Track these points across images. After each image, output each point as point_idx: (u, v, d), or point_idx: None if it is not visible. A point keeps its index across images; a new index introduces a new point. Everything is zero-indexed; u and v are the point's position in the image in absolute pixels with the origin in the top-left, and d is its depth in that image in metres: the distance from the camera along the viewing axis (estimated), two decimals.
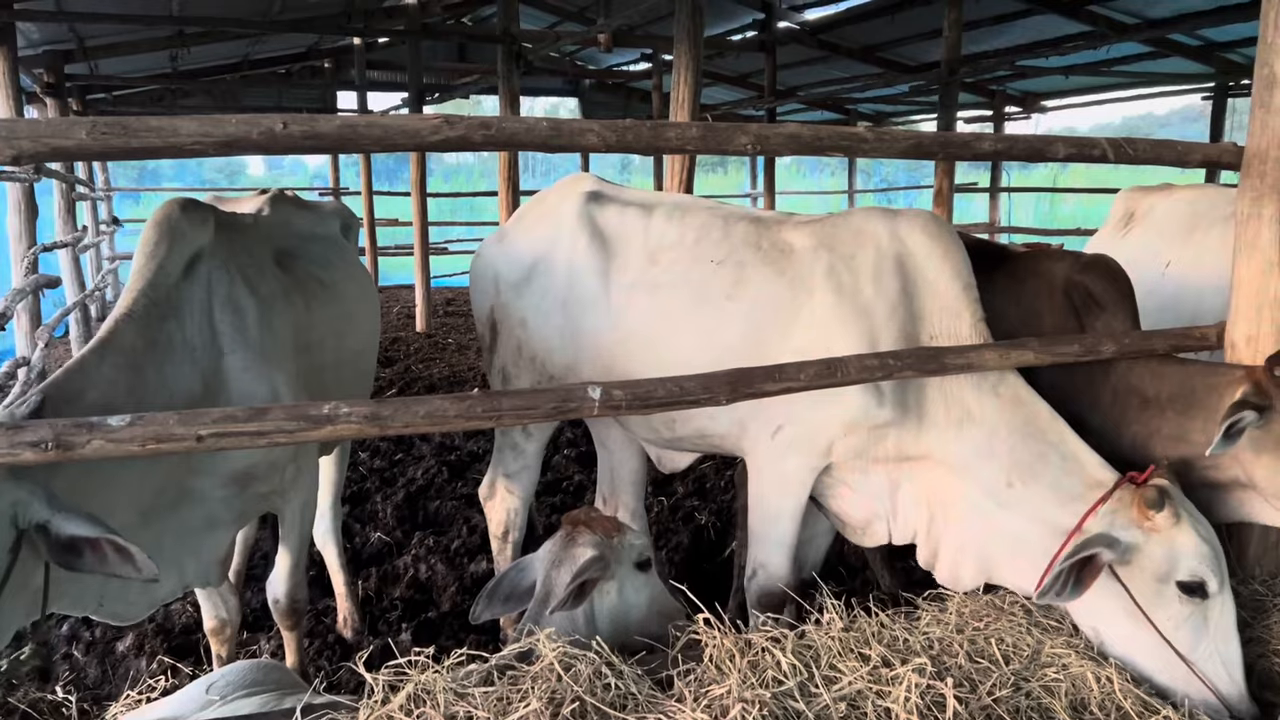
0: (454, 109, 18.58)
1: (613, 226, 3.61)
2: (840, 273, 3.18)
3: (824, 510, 3.48)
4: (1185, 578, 2.59)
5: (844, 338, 3.07)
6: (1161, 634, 2.61)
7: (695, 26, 6.59)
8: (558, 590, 2.69)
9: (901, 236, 3.18)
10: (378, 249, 14.80)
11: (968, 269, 3.16)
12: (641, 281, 3.46)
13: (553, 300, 3.63)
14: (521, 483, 4.00)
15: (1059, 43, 11.01)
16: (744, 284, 3.30)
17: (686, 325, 3.35)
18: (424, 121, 2.37)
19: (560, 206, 3.74)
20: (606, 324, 3.50)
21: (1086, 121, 41.49)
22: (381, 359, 10.19)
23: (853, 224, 3.29)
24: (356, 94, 13.88)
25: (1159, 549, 2.62)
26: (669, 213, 3.57)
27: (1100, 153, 2.96)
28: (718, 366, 2.81)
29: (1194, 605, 2.59)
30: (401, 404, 2.39)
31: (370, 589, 4.69)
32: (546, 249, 3.68)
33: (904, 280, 3.14)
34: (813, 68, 14.80)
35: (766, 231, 3.40)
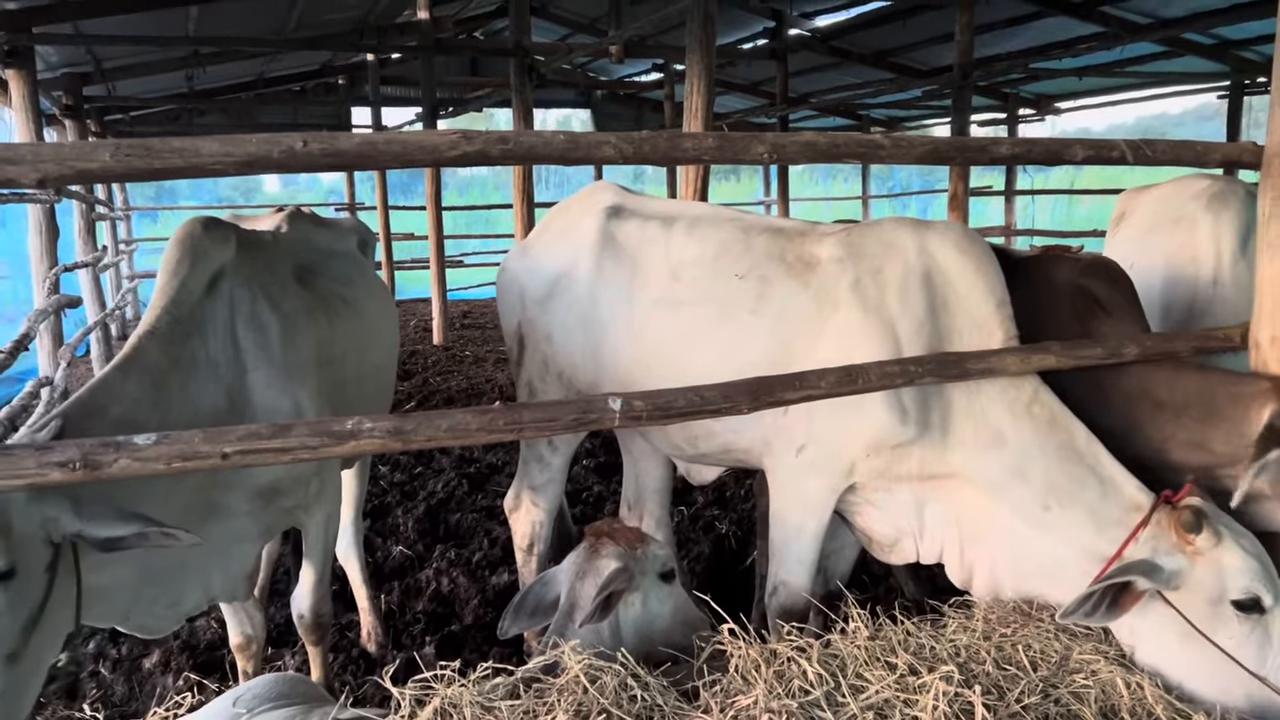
0: (467, 122, 18.66)
1: (634, 243, 3.58)
2: (866, 286, 3.12)
3: (850, 526, 3.45)
4: (1239, 596, 2.57)
5: (868, 353, 3.01)
6: (1230, 655, 2.56)
7: (707, 36, 6.59)
8: (582, 602, 2.69)
9: (931, 251, 3.12)
10: (394, 263, 14.87)
11: (1001, 286, 3.10)
12: (664, 298, 3.43)
13: (576, 317, 3.62)
14: (547, 495, 3.99)
15: (1072, 44, 10.97)
16: (768, 298, 3.26)
17: (710, 341, 3.31)
18: (442, 137, 2.38)
19: (582, 220, 3.72)
20: (629, 341, 3.48)
21: (1101, 122, 41.20)
22: (399, 372, 10.18)
23: (881, 236, 3.22)
24: (371, 110, 13.96)
25: (1206, 571, 2.60)
26: (690, 227, 3.53)
27: (1119, 154, 2.95)
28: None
29: (1254, 621, 2.57)
30: (424, 418, 2.39)
31: (393, 603, 4.70)
32: (569, 265, 3.66)
33: (932, 296, 3.08)
34: (825, 74, 14.80)
35: (790, 243, 3.35)
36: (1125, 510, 2.80)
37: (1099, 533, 2.81)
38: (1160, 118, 34.42)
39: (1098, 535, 2.81)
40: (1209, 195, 3.86)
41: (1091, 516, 2.84)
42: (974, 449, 3.02)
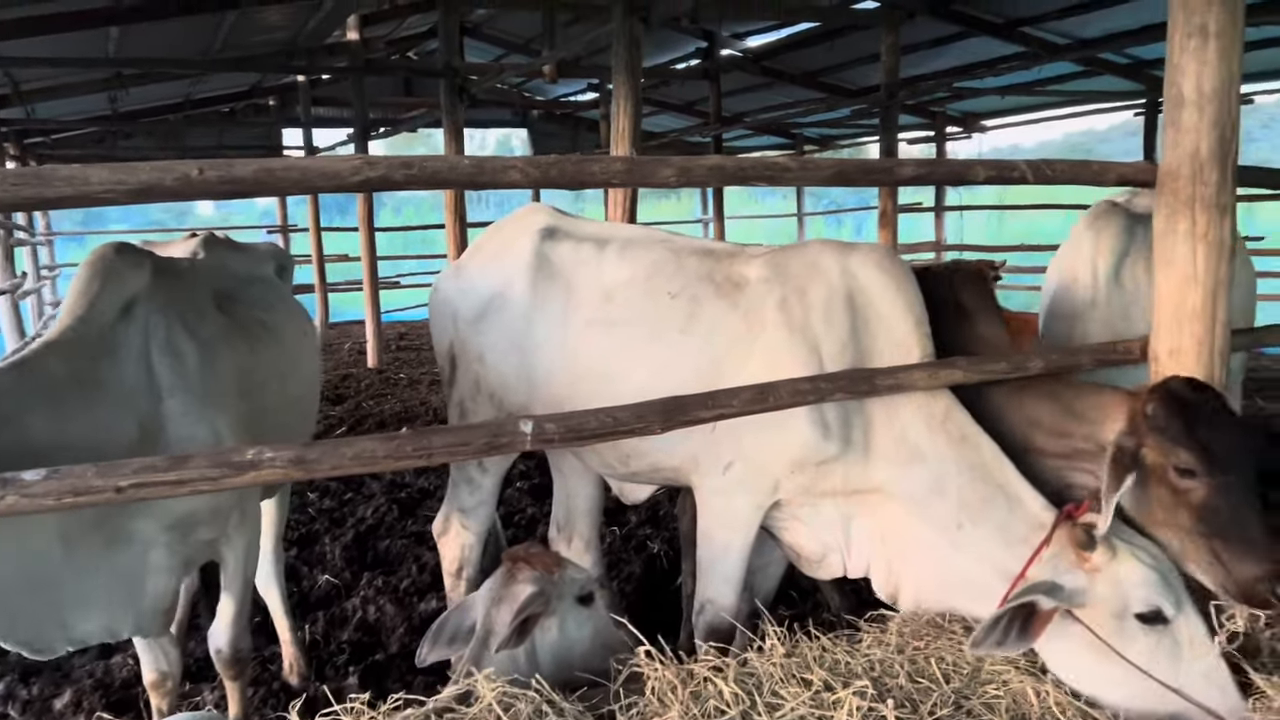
0: (402, 143, 18.54)
1: (568, 264, 3.59)
2: (793, 307, 3.18)
3: (777, 543, 3.47)
4: (1140, 609, 2.59)
5: (794, 372, 3.04)
6: (1144, 671, 2.57)
7: (633, 58, 6.65)
8: (498, 628, 2.67)
9: (854, 272, 3.18)
10: (327, 285, 14.70)
11: (920, 305, 3.17)
12: (598, 319, 3.44)
13: (509, 338, 3.61)
14: (477, 518, 3.95)
15: (994, 64, 11.24)
16: (698, 318, 3.29)
17: (642, 361, 3.33)
18: (344, 162, 2.37)
19: (516, 242, 3.72)
20: (563, 362, 3.48)
21: (1031, 139, 42.22)
22: (332, 396, 10.10)
23: (805, 257, 3.28)
24: (302, 131, 13.82)
25: (1106, 587, 2.63)
26: (623, 248, 3.56)
27: (1019, 174, 3.02)
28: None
29: (1160, 632, 2.59)
30: (328, 446, 2.37)
31: (317, 633, 4.61)
32: (503, 286, 3.65)
33: (854, 316, 3.14)
34: (757, 94, 14.96)
35: (719, 264, 3.39)
36: (1031, 528, 2.84)
37: (1008, 550, 2.85)
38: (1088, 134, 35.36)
39: (1007, 553, 2.85)
40: (1093, 215, 3.91)
41: (1001, 534, 2.88)
42: (894, 464, 3.07)
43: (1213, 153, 3.05)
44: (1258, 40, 9.42)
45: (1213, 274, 3.10)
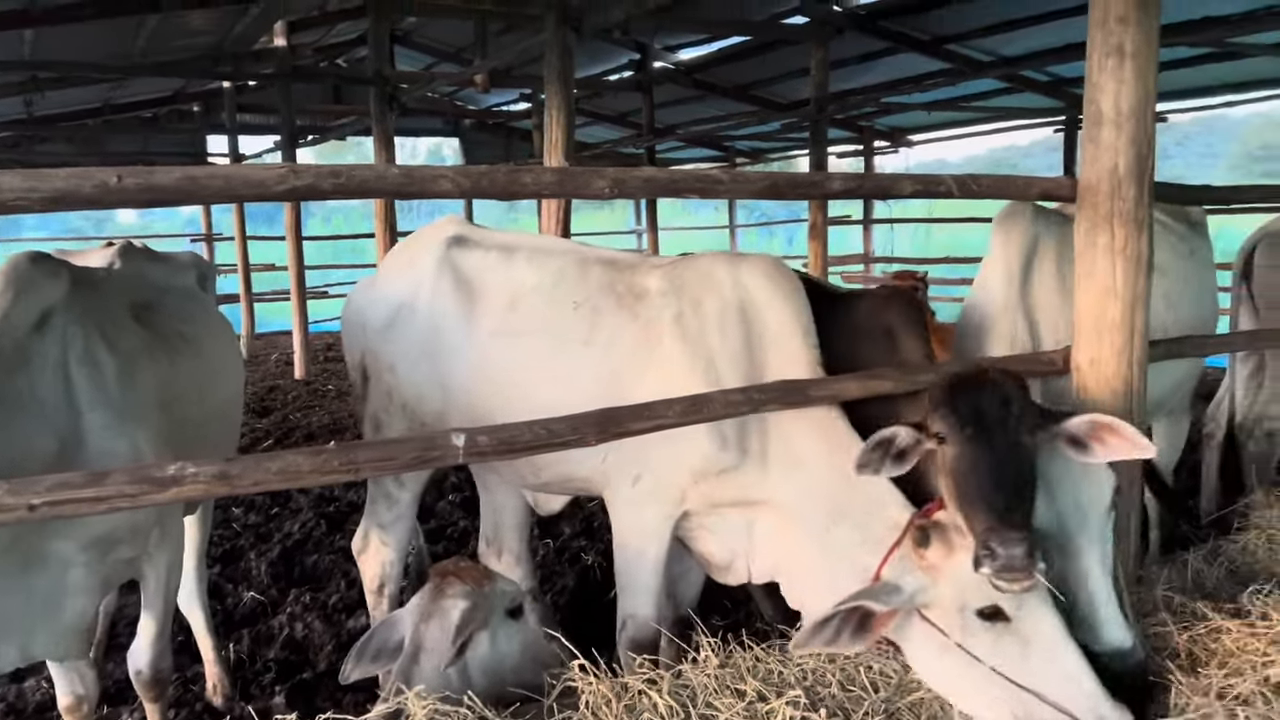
0: (331, 150, 18.30)
1: (475, 272, 3.59)
2: (688, 319, 3.24)
3: (689, 551, 3.49)
4: (979, 606, 2.51)
5: (691, 383, 3.10)
6: (995, 670, 2.49)
7: (566, 68, 6.66)
8: (428, 644, 2.63)
9: (745, 283, 3.25)
10: (253, 295, 14.40)
11: (807, 314, 3.24)
12: (503, 327, 3.45)
13: (420, 346, 3.60)
14: (397, 533, 3.90)
15: (920, 80, 11.48)
16: (600, 328, 3.33)
17: (548, 370, 3.35)
18: (269, 171, 2.32)
19: (424, 251, 3.72)
20: (472, 370, 3.47)
21: (956, 154, 43.23)
22: (258, 408, 9.89)
23: (700, 270, 3.35)
24: (228, 138, 13.55)
25: (945, 585, 2.57)
26: (529, 257, 3.58)
27: (945, 189, 3.08)
28: (578, 411, 2.80)
29: (1001, 629, 2.51)
30: (252, 461, 2.31)
31: (242, 652, 4.50)
32: (411, 294, 3.65)
33: (747, 327, 3.21)
34: (689, 106, 15.07)
35: (621, 275, 3.43)
36: (887, 528, 2.84)
37: (869, 553, 2.84)
38: (1011, 149, 36.25)
39: (869, 555, 2.84)
40: (998, 219, 3.81)
41: (861, 535, 2.90)
42: (784, 472, 3.12)
43: (1130, 169, 3.14)
44: (1171, 60, 9.77)
45: (1131, 286, 3.19)
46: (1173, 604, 3.13)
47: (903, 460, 2.69)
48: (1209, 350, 4.44)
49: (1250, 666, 2.75)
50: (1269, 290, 4.94)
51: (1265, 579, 3.35)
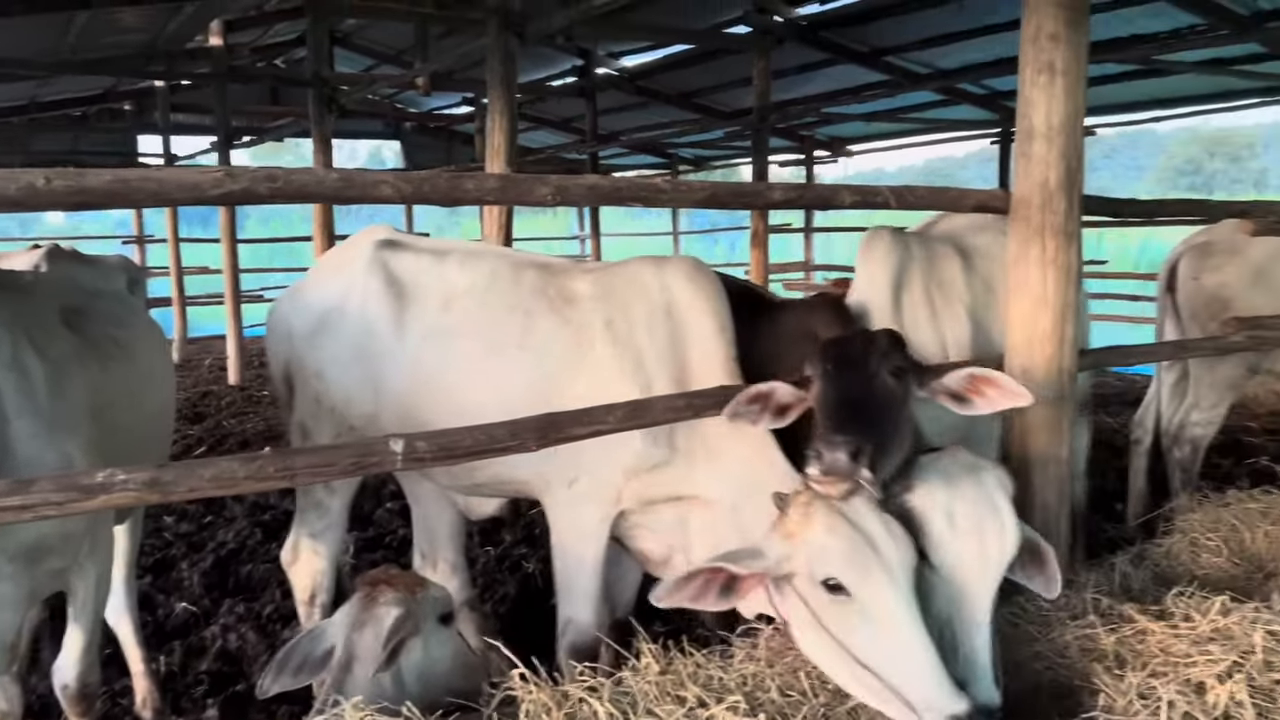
0: (269, 152, 18.03)
1: (407, 274, 3.59)
2: (618, 323, 3.31)
3: (627, 550, 3.53)
4: (822, 576, 2.48)
5: (622, 386, 3.16)
6: (839, 641, 2.49)
7: (508, 73, 6.64)
8: (361, 654, 2.60)
9: (669, 285, 3.34)
10: (186, 298, 14.10)
11: (725, 311, 3.31)
12: (436, 329, 3.46)
13: (349, 349, 3.57)
14: (327, 542, 3.86)
15: (859, 91, 11.65)
16: (532, 332, 3.37)
17: (480, 373, 3.38)
18: (203, 174, 2.28)
19: (353, 256, 3.71)
20: (404, 373, 3.47)
21: (894, 164, 44.13)
22: (191, 415, 9.69)
23: (628, 274, 3.43)
24: (161, 138, 13.27)
25: (800, 554, 2.54)
26: (462, 260, 3.60)
27: (883, 200, 3.13)
28: (511, 415, 2.81)
29: (845, 603, 2.46)
30: (184, 467, 2.27)
31: (174, 664, 4.41)
32: (340, 298, 3.62)
33: (672, 328, 3.29)
34: (633, 113, 15.11)
35: (553, 279, 3.48)
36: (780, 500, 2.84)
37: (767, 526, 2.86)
38: (946, 160, 37.02)
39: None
40: (864, 245, 3.77)
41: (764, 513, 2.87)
42: (705, 464, 3.21)
43: (1061, 182, 3.23)
44: (1100, 76, 10.04)
45: (1062, 297, 3.28)
46: (1100, 606, 3.21)
47: (784, 415, 2.80)
48: (1135, 360, 4.57)
49: (1173, 667, 2.83)
50: (1192, 301, 5.10)
51: (1188, 581, 3.45)
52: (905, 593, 2.45)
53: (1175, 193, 40.66)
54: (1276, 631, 2.97)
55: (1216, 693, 2.69)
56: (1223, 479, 5.62)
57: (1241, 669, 2.79)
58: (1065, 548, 3.51)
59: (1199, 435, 5.20)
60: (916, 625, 2.43)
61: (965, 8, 9.20)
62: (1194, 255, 5.14)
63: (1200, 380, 5.14)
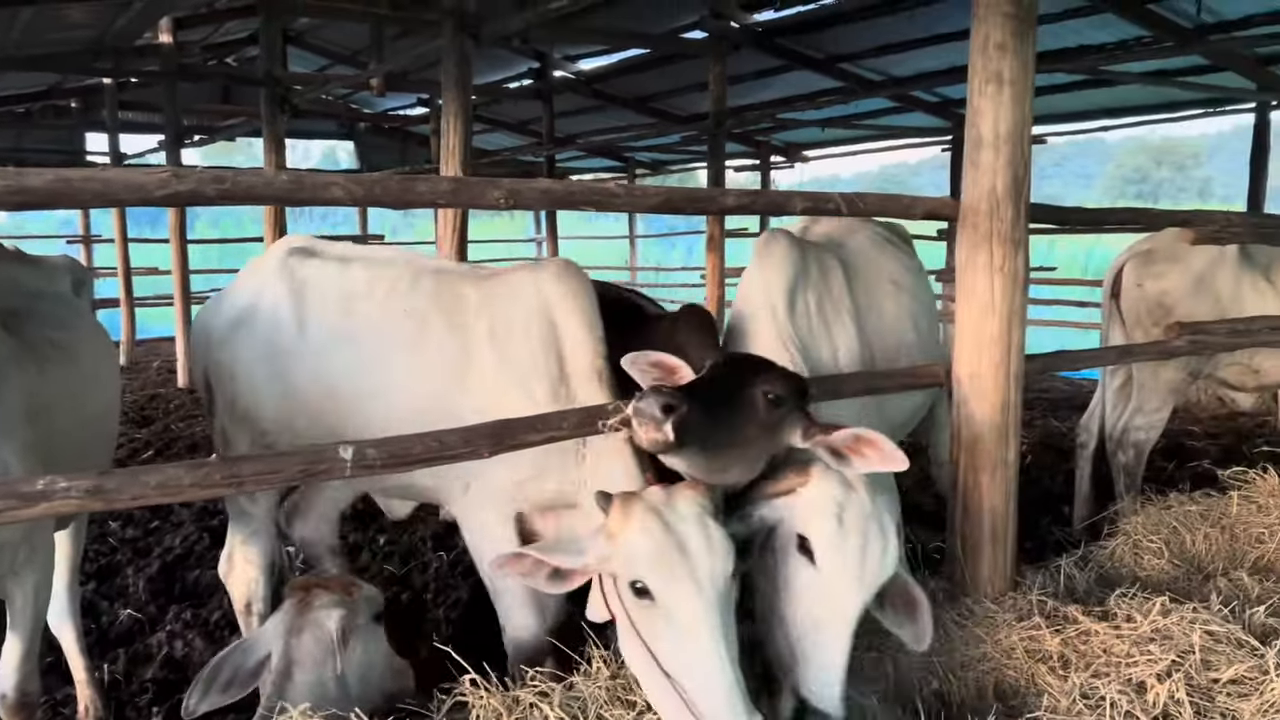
0: (220, 151, 17.77)
1: (312, 278, 3.63)
2: (499, 330, 3.30)
3: None
4: (632, 578, 2.45)
5: (507, 395, 3.15)
6: (646, 646, 2.46)
7: (464, 75, 6.61)
8: (301, 658, 2.59)
9: (544, 289, 3.30)
10: (134, 300, 13.84)
11: (593, 310, 3.27)
12: (338, 333, 3.47)
13: (258, 354, 3.61)
14: (257, 549, 3.86)
15: (814, 97, 11.74)
16: (425, 339, 3.36)
17: (379, 379, 3.37)
18: (149, 175, 2.25)
19: (265, 262, 3.78)
20: (307, 377, 3.49)
21: (849, 170, 44.53)
22: (138, 418, 9.51)
23: (510, 280, 3.43)
24: (108, 136, 13.03)
25: (617, 554, 2.50)
26: (364, 265, 3.63)
27: (834, 206, 3.16)
28: (409, 423, 2.81)
29: (656, 609, 2.42)
30: (129, 475, 2.23)
31: (118, 672, 4.31)
32: (251, 302, 3.67)
33: (547, 331, 3.26)
34: (590, 116, 15.10)
35: (449, 285, 3.48)
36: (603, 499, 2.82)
37: None
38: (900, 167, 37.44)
39: None
40: (758, 248, 3.61)
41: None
42: (590, 472, 3.14)
43: (1008, 190, 3.28)
44: (1049, 85, 10.22)
45: (1009, 302, 3.33)
46: (1046, 608, 3.27)
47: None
48: (1081, 365, 4.65)
49: (1115, 667, 2.89)
50: (1135, 307, 5.20)
51: (1131, 583, 3.53)
52: (711, 602, 2.40)
53: (1124, 200, 41.42)
54: (1214, 631, 3.05)
55: (1156, 692, 2.75)
56: (1165, 482, 5.74)
57: (1180, 668, 2.86)
58: (1013, 551, 3.56)
59: (1142, 439, 5.30)
60: (717, 636, 2.37)
61: (918, 16, 9.32)
62: (1137, 263, 5.25)
63: (1144, 385, 5.25)
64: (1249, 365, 5.15)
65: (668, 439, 2.48)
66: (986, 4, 3.26)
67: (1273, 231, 4.56)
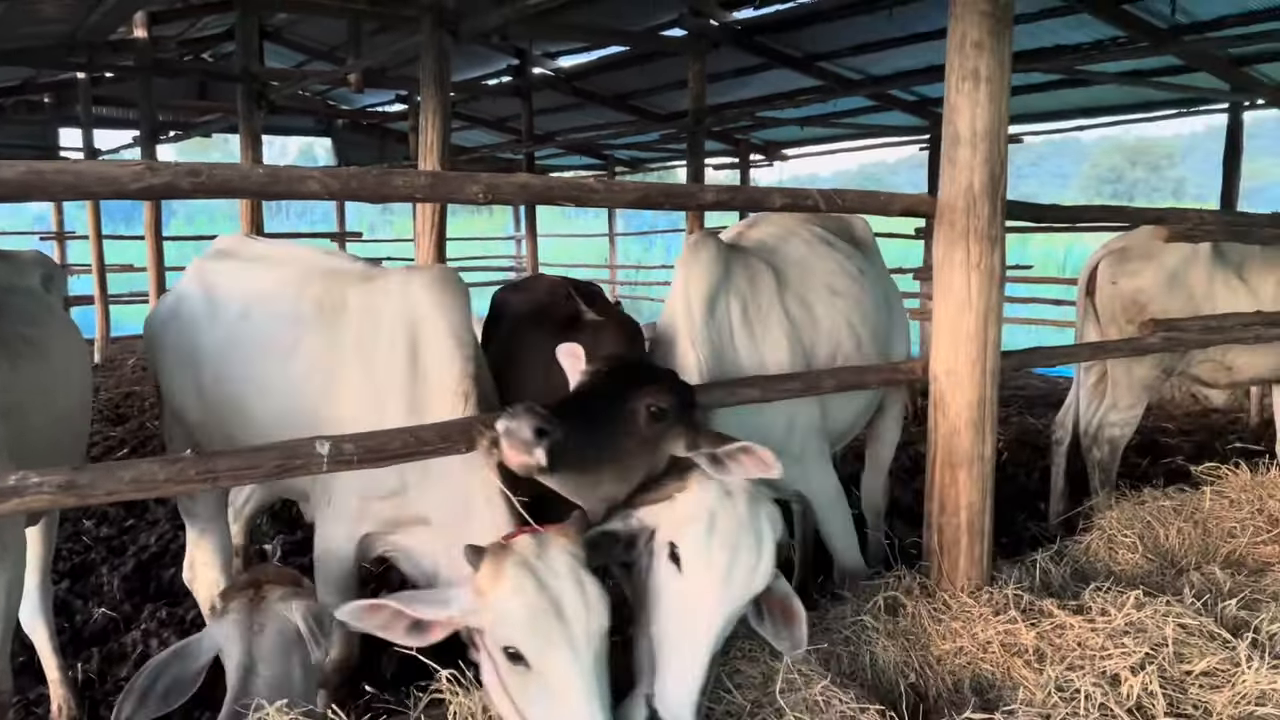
0: (196, 147, 17.60)
1: (222, 281, 3.65)
2: (365, 339, 3.19)
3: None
4: (504, 643, 2.36)
5: (364, 408, 3.07)
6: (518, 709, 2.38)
7: (442, 71, 6.58)
8: (264, 655, 2.57)
9: (412, 298, 3.15)
10: (109, 296, 13.72)
11: (465, 325, 3.11)
12: (235, 338, 3.46)
13: (180, 354, 3.66)
14: (210, 548, 3.89)
15: (793, 95, 11.77)
16: (303, 344, 3.31)
17: (267, 384, 3.34)
18: (123, 168, 2.23)
19: (193, 262, 3.85)
20: (212, 381, 3.51)
21: (828, 168, 44.74)
22: (113, 416, 9.43)
23: (382, 287, 3.29)
24: (82, 132, 12.90)
25: (486, 611, 2.39)
26: (268, 267, 3.63)
27: (813, 203, 3.17)
28: (294, 431, 2.76)
29: (527, 675, 2.35)
30: (102, 470, 2.21)
31: (92, 671, 4.27)
32: (174, 304, 3.74)
33: (412, 341, 3.10)
34: (569, 114, 15.07)
35: (333, 288, 3.39)
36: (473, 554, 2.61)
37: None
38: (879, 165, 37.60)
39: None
40: (684, 252, 3.53)
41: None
42: (432, 491, 3.01)
43: (984, 188, 3.30)
44: (1026, 85, 10.29)
45: (985, 299, 3.35)
46: (1021, 602, 3.29)
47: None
48: (1056, 361, 4.69)
49: (1089, 660, 2.92)
50: (1110, 305, 5.25)
51: (1105, 577, 3.56)
52: (587, 666, 2.32)
53: (1099, 200, 41.74)
54: (1187, 624, 3.08)
55: (1130, 684, 2.78)
56: (1139, 478, 5.79)
57: (1154, 660, 2.89)
58: (990, 546, 3.58)
59: (1117, 435, 5.35)
60: (593, 701, 2.30)
61: (896, 15, 9.36)
62: (1112, 260, 5.29)
63: (1118, 382, 5.29)
64: (1221, 362, 5.20)
65: (539, 464, 2.41)
66: (963, 2, 3.27)
67: (1245, 229, 4.61)
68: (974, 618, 3.25)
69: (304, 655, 2.64)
